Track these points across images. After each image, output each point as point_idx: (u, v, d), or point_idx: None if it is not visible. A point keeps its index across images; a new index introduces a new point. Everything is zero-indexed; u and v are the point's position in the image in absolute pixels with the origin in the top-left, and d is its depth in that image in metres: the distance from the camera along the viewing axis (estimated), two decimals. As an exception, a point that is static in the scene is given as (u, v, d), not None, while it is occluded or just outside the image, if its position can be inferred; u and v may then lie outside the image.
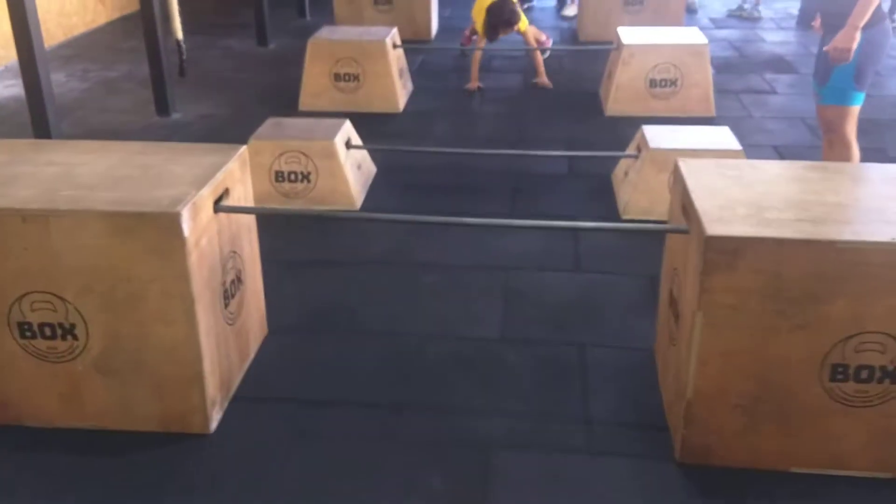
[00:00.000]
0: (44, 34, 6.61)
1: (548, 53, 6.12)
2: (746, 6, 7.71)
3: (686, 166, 2.23)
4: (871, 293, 1.90)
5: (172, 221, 1.99)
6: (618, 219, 3.63)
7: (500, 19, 5.43)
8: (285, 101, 5.29)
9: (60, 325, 2.11)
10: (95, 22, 7.39)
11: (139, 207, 2.01)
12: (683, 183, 2.15)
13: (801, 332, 1.94)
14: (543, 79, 5.63)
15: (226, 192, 2.26)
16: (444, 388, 2.49)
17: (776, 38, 7.00)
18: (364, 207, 3.79)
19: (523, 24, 5.58)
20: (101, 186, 2.13)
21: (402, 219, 3.34)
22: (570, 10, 7.89)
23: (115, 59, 6.35)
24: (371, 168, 4.17)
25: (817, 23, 3.48)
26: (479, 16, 5.61)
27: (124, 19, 7.67)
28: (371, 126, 4.86)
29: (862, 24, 3.05)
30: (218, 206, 2.20)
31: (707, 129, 3.83)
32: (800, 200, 2.06)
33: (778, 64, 6.13)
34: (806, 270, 1.88)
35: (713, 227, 1.88)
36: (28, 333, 2.13)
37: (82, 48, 6.73)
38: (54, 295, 2.08)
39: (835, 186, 2.18)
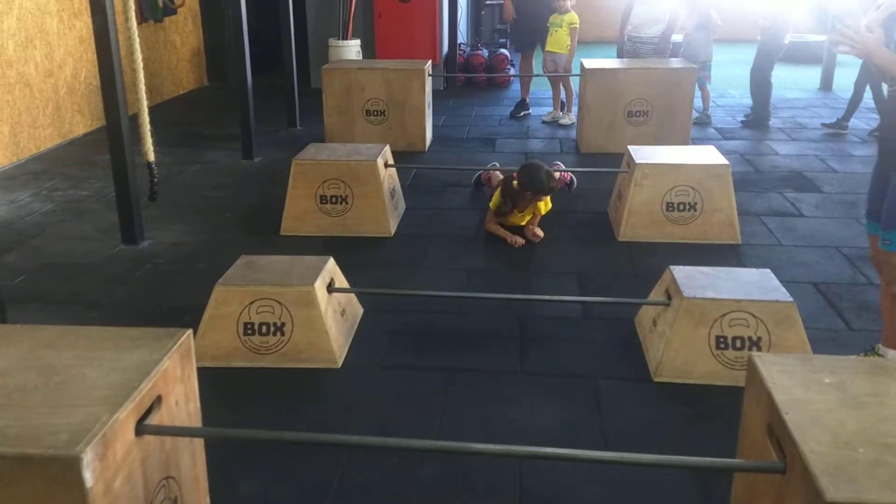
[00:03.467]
0: (13, 147, 6.29)
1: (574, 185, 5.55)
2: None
3: (766, 367, 1.69)
4: None
5: (69, 468, 1.42)
6: (648, 379, 3.08)
7: (532, 183, 4.38)
8: (266, 225, 4.82)
9: None
10: (72, 133, 7.02)
11: (23, 447, 1.45)
12: (768, 395, 1.61)
13: None
14: (535, 227, 4.60)
15: (157, 401, 1.71)
16: None
17: (789, 150, 6.64)
18: (347, 364, 3.23)
19: (546, 205, 4.60)
20: (-18, 406, 1.58)
21: (370, 442, 2.50)
22: (567, 119, 7.62)
23: (86, 175, 5.91)
24: (357, 310, 3.64)
25: None
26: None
27: (104, 130, 7.25)
28: (359, 253, 4.38)
29: None
30: (143, 426, 1.64)
31: (745, 272, 3.33)
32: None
33: (798, 181, 5.73)
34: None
35: (836, 489, 1.32)
36: None
37: (54, 162, 6.30)
38: None
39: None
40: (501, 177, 5.00)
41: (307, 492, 2.43)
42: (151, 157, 4.34)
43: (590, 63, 6.73)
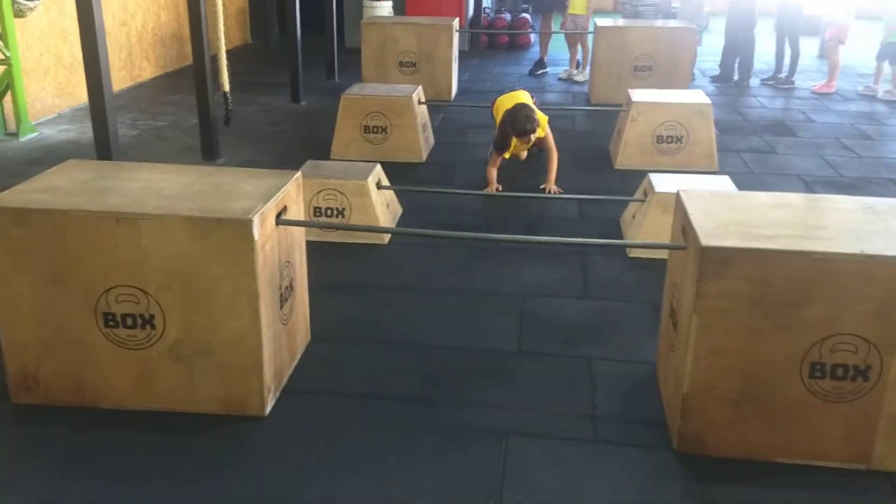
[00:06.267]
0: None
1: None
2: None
3: (686, 195, 2.57)
4: (843, 299, 2.21)
5: (245, 227, 2.34)
6: (624, 255, 3.96)
7: (514, 128, 4.80)
8: (318, 151, 5.70)
9: (141, 315, 2.44)
10: (141, 77, 7.95)
11: (217, 214, 2.36)
12: (683, 208, 2.50)
13: (783, 333, 2.25)
14: (552, 185, 4.90)
15: (284, 209, 2.62)
16: (467, 387, 2.80)
17: (777, 104, 7.44)
18: (392, 241, 4.14)
19: (542, 129, 4.94)
20: (183, 198, 2.50)
21: (428, 233, 3.81)
22: (581, 76, 8.41)
23: (160, 111, 6.85)
24: (398, 208, 4.54)
25: None
26: (498, 116, 5.12)
27: (167, 76, 8.24)
28: (397, 173, 5.23)
29: None
30: (279, 220, 2.55)
31: (708, 177, 4.19)
32: (785, 222, 2.40)
33: (778, 128, 6.54)
34: (787, 278, 2.20)
35: (707, 241, 2.22)
36: (111, 323, 2.47)
37: (130, 99, 7.24)
38: (138, 289, 2.42)
39: (817, 213, 2.52)
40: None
41: (369, 315, 3.35)
42: (227, 87, 5.25)
43: (602, 21, 7.54)
